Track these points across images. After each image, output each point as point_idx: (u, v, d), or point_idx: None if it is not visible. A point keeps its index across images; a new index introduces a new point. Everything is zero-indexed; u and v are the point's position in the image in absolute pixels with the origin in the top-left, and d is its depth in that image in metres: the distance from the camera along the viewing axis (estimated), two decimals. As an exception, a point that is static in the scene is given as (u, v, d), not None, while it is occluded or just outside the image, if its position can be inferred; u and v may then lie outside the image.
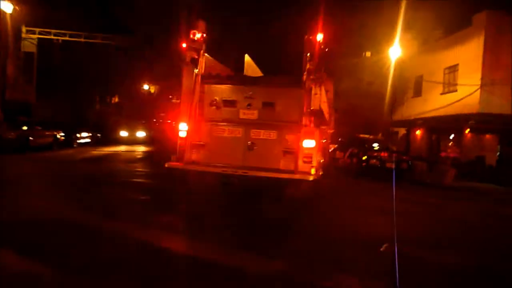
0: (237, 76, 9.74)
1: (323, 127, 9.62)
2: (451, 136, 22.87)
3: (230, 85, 8.63)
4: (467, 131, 20.19)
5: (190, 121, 8.26)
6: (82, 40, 21.25)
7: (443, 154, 23.12)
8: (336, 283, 4.12)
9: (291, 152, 7.91)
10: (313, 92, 7.99)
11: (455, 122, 20.37)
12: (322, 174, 8.48)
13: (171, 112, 23.57)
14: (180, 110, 8.48)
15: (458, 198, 12.09)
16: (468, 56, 20.37)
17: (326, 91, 10.14)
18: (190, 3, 17.75)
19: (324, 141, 10.63)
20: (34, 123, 18.22)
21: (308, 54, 8.04)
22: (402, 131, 27.27)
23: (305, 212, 8.22)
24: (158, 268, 4.24)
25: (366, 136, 18.84)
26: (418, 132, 25.31)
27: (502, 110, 18.83)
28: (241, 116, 8.24)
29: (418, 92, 25.01)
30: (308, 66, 8.03)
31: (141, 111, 35.14)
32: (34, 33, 21.54)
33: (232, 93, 8.42)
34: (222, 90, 8.49)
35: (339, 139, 19.06)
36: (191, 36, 8.40)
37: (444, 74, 22.32)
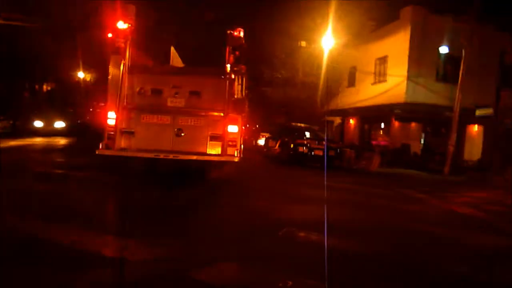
0: (164, 67, 10.30)
1: (243, 114, 9.91)
2: (382, 125, 23.80)
3: (158, 75, 9.13)
4: (393, 120, 21.04)
5: (118, 109, 8.46)
6: (1, 21, 19.64)
7: (374, 142, 24.03)
8: (212, 272, 3.95)
9: (217, 137, 8.61)
10: (235, 82, 8.74)
11: (383, 111, 21.18)
12: (242, 157, 8.84)
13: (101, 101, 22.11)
14: (108, 98, 8.64)
15: (376, 184, 12.51)
16: (396, 48, 21.17)
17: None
18: None
19: (243, 127, 11.04)
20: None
21: (230, 48, 8.72)
22: (337, 120, 28.01)
23: (216, 196, 8.33)
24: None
25: (299, 124, 19.07)
26: (352, 121, 26.09)
27: (426, 100, 19.81)
28: (169, 104, 8.68)
29: (352, 83, 25.72)
30: (230, 58, 8.70)
31: (75, 100, 33.41)
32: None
33: (160, 83, 8.79)
34: (150, 80, 8.84)
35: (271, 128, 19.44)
36: (117, 25, 8.55)
37: (375, 65, 23.08)
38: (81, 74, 37.73)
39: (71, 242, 4.44)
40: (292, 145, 15.58)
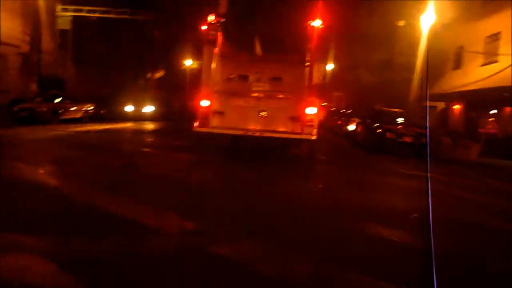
0: (250, 55, 11.25)
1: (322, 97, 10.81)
2: (492, 112, 21.25)
3: (244, 62, 10.31)
4: (503, 105, 18.65)
5: (211, 93, 9.74)
6: (113, 16, 21.96)
7: (481, 130, 21.61)
8: (233, 249, 4.04)
9: (297, 118, 9.50)
10: (314, 69, 9.81)
11: (492, 96, 18.87)
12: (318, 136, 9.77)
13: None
14: (202, 83, 9.96)
15: (466, 175, 11.33)
16: (510, 22, 18.60)
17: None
18: None
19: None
20: (66, 98, 19.27)
21: (309, 37, 9.70)
22: (441, 105, 25.72)
23: (288, 176, 8.69)
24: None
25: (391, 109, 17.94)
26: (456, 107, 23.76)
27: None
28: (254, 88, 9.86)
29: (458, 64, 23.34)
30: (309, 46, 9.71)
31: (183, 86, 35.81)
32: (68, 10, 22.62)
33: (246, 69, 10.00)
34: (237, 67, 10.08)
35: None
36: (209, 19, 9.80)
37: (485, 43, 20.61)
38: (188, 62, 40.34)
39: (121, 214, 4.88)
40: (378, 131, 14.79)
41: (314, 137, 9.39)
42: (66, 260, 3.40)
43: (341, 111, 25.10)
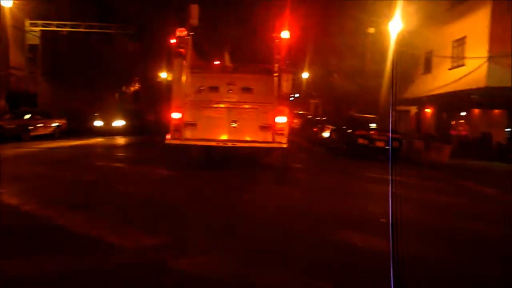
0: (219, 66, 11.75)
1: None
2: (462, 114, 21.79)
3: (214, 74, 10.60)
4: (472, 107, 19.15)
5: (182, 105, 9.84)
6: (82, 30, 21.69)
7: (453, 132, 22.11)
8: (195, 263, 3.98)
9: (268, 127, 9.83)
10: (283, 78, 9.98)
11: (461, 98, 19.35)
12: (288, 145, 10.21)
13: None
14: (173, 96, 10.03)
15: (436, 177, 11.53)
16: (475, 27, 19.21)
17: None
18: None
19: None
20: (36, 113, 18.84)
21: (278, 48, 10.02)
22: (413, 109, 26.24)
23: (259, 184, 8.78)
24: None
25: (364, 115, 18.21)
26: (428, 111, 24.28)
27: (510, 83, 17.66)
28: (225, 99, 10.08)
29: (428, 69, 23.93)
30: (277, 57, 10.04)
31: (158, 99, 35.45)
32: (36, 25, 22.22)
33: (217, 80, 10.22)
34: (208, 78, 10.28)
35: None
36: (178, 33, 9.96)
37: (453, 47, 21.19)
38: (164, 74, 40.08)
39: (81, 230, 4.76)
40: (351, 137, 14.96)
41: (285, 145, 9.73)
42: (23, 277, 3.30)
43: (317, 118, 25.36)
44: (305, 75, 41.23)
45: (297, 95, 47.54)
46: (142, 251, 4.21)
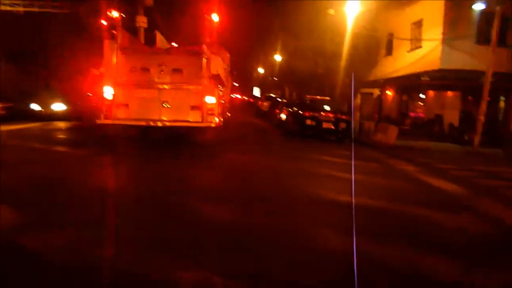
0: (150, 48, 11.73)
1: (221, 87, 11.56)
2: (421, 96, 22.04)
3: (145, 55, 10.58)
4: (427, 89, 19.38)
5: (114, 85, 9.96)
6: (21, 9, 21.02)
7: (412, 114, 22.41)
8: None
9: (197, 107, 10.07)
10: (212, 60, 10.34)
11: (417, 80, 19.53)
12: (222, 122, 10.84)
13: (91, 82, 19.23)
14: (104, 76, 10.16)
15: (373, 157, 11.67)
16: (431, 10, 19.29)
17: (222, 59, 12.29)
18: None
19: (222, 101, 11.75)
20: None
21: (207, 30, 10.40)
22: (376, 92, 26.41)
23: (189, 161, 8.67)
24: None
25: (318, 97, 18.23)
26: (389, 93, 24.48)
27: (465, 65, 17.87)
28: (156, 80, 10.11)
29: (389, 51, 23.99)
30: (206, 39, 10.39)
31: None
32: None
33: (148, 61, 10.20)
34: (139, 60, 10.26)
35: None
36: (109, 14, 10.43)
37: (411, 30, 21.28)
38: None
39: None
40: (301, 118, 15.02)
41: (213, 125, 10.10)
42: None
43: (280, 101, 25.40)
44: (277, 57, 41.30)
45: (275, 78, 47.72)
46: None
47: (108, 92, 9.98)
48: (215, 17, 10.46)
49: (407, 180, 8.49)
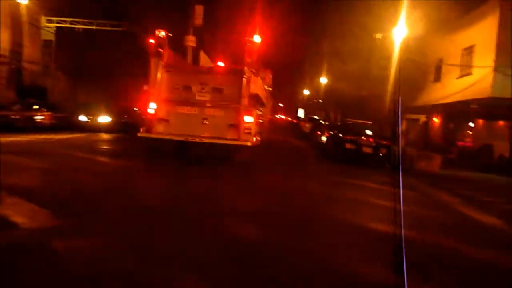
0: (193, 66, 12.52)
1: (261, 107, 12.38)
2: (471, 124, 21.10)
3: (188, 74, 11.18)
4: (477, 117, 18.55)
5: (157, 101, 10.47)
6: (94, 27, 22.44)
7: (460, 142, 21.46)
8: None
9: (235, 125, 10.40)
10: (252, 80, 10.56)
11: (466, 108, 18.78)
12: (259, 141, 11.05)
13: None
14: (149, 93, 10.73)
15: (414, 186, 11.27)
16: (483, 36, 18.64)
17: (263, 79, 12.80)
18: None
19: (261, 121, 11.80)
20: (43, 106, 19.48)
21: (248, 51, 10.49)
22: (422, 118, 25.65)
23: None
24: None
25: (359, 121, 17.97)
26: (436, 120, 23.66)
27: (519, 94, 16.98)
28: (197, 97, 10.58)
29: (438, 77, 23.35)
30: (247, 60, 10.53)
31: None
32: (52, 22, 23.17)
33: (190, 80, 10.72)
34: (182, 77, 10.83)
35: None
36: (157, 33, 10.62)
37: (462, 56, 20.62)
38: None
39: None
40: (341, 142, 14.83)
41: (249, 144, 10.34)
42: None
43: (323, 123, 25.28)
44: (323, 80, 41.22)
45: (320, 100, 47.64)
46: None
47: (151, 107, 10.51)
48: (257, 38, 10.82)
49: (446, 211, 8.13)
